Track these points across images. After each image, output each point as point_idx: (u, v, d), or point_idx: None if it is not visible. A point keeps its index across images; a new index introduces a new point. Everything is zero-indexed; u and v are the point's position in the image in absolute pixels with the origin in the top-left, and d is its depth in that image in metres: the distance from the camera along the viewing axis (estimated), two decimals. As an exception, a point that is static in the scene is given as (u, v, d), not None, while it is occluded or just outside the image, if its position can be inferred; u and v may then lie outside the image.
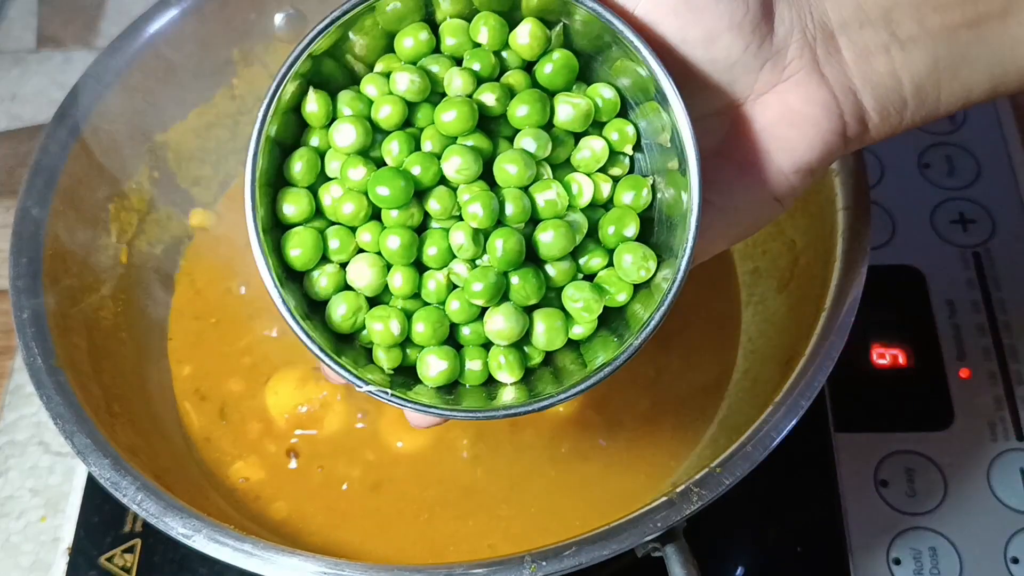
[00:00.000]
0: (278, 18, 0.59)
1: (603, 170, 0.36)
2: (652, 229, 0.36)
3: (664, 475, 0.52)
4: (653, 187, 0.35)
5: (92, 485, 0.56)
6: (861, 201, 0.49)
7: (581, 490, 0.51)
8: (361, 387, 0.34)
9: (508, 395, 0.35)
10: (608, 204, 0.36)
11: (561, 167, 0.36)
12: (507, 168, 0.34)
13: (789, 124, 0.35)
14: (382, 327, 0.34)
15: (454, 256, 0.35)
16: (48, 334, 0.48)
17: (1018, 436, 0.56)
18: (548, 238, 0.34)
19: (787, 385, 0.44)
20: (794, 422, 0.43)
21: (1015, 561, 0.53)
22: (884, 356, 0.59)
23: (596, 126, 0.36)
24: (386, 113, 0.34)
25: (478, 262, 0.35)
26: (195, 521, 0.42)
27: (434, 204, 0.34)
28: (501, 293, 0.34)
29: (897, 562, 0.53)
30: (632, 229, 0.35)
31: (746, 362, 0.55)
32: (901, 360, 0.59)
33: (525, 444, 0.52)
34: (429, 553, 0.50)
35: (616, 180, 0.36)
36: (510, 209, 0.34)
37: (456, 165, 0.34)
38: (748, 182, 0.36)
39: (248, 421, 0.54)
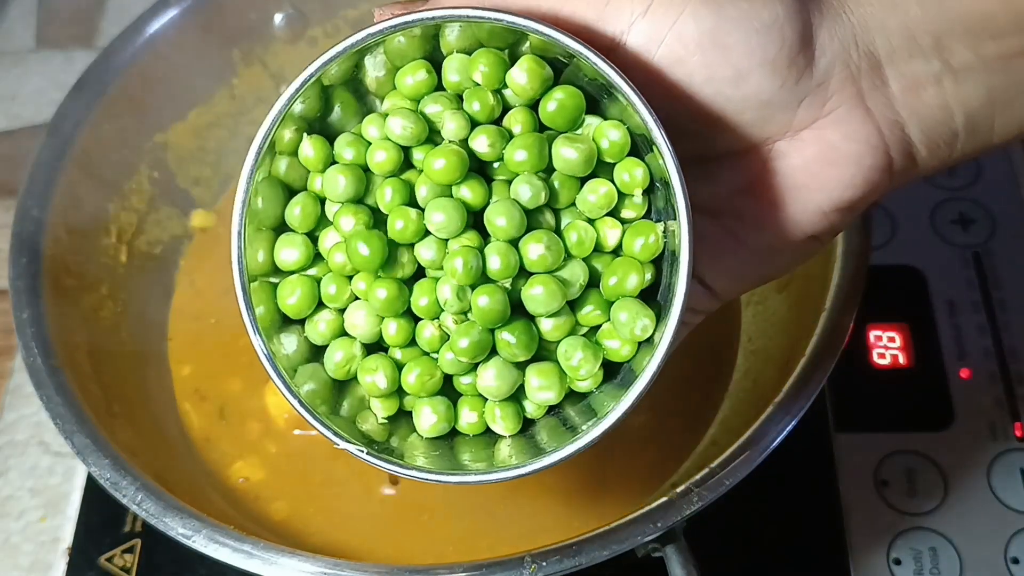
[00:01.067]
0: (278, 18, 0.59)
1: (614, 214, 0.33)
2: (662, 275, 0.34)
3: (664, 475, 0.51)
4: (664, 233, 0.33)
5: (92, 485, 0.56)
6: (861, 201, 0.49)
7: (580, 491, 0.51)
8: (338, 444, 0.33)
9: (505, 449, 0.34)
10: (618, 250, 0.34)
11: (567, 210, 0.34)
12: (496, 221, 0.32)
13: (829, 162, 0.33)
14: (370, 380, 0.34)
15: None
16: (48, 334, 0.48)
17: (1018, 436, 0.57)
18: (536, 294, 0.32)
19: (787, 385, 0.44)
20: (794, 422, 0.43)
21: (1015, 561, 0.53)
22: (884, 356, 0.59)
23: (605, 167, 0.33)
24: (380, 159, 0.33)
25: (468, 315, 0.33)
26: (195, 521, 0.42)
27: (425, 253, 0.33)
28: (488, 349, 0.33)
29: (897, 562, 0.53)
30: (634, 281, 0.33)
31: (746, 362, 0.55)
32: (901, 360, 0.59)
33: (525, 444, 0.52)
34: (429, 553, 0.50)
35: (628, 223, 0.34)
36: (496, 263, 0.32)
37: (438, 222, 0.32)
38: (783, 221, 0.34)
39: (248, 421, 0.54)
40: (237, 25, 0.59)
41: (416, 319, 0.34)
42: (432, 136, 0.33)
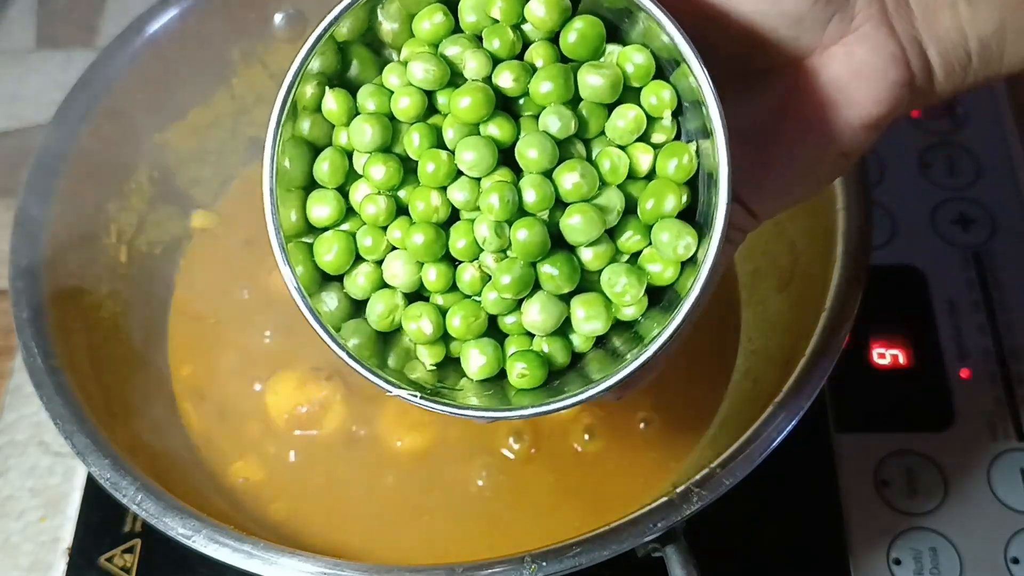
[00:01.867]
0: (278, 18, 0.59)
1: (645, 138, 0.34)
2: (699, 197, 0.34)
3: (664, 475, 0.51)
4: (697, 153, 0.33)
5: (92, 485, 0.56)
6: (861, 201, 0.49)
7: (581, 491, 0.51)
8: (390, 391, 0.33)
9: (556, 384, 0.34)
10: (652, 174, 0.34)
11: (597, 139, 0.34)
12: (528, 153, 0.32)
13: (857, 76, 0.35)
14: (415, 327, 0.34)
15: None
16: (48, 334, 0.48)
17: (1018, 436, 0.56)
18: (575, 223, 0.33)
19: (787, 385, 0.44)
20: (794, 422, 0.43)
21: (1015, 561, 0.53)
22: (884, 356, 0.59)
23: (632, 92, 0.34)
24: (404, 105, 0.33)
25: (508, 252, 0.33)
26: (195, 521, 0.42)
27: (458, 195, 0.33)
28: (531, 284, 0.33)
29: (897, 562, 0.53)
30: (671, 202, 0.33)
31: (746, 362, 0.55)
32: (901, 360, 0.59)
33: (525, 446, 0.52)
34: (429, 554, 0.50)
35: (659, 147, 0.34)
36: (531, 196, 0.32)
37: (469, 160, 0.32)
38: (814, 137, 0.35)
39: (248, 421, 0.54)
40: (237, 25, 0.59)
41: (454, 264, 0.34)
42: (454, 79, 0.34)
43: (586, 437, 0.53)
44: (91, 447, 0.44)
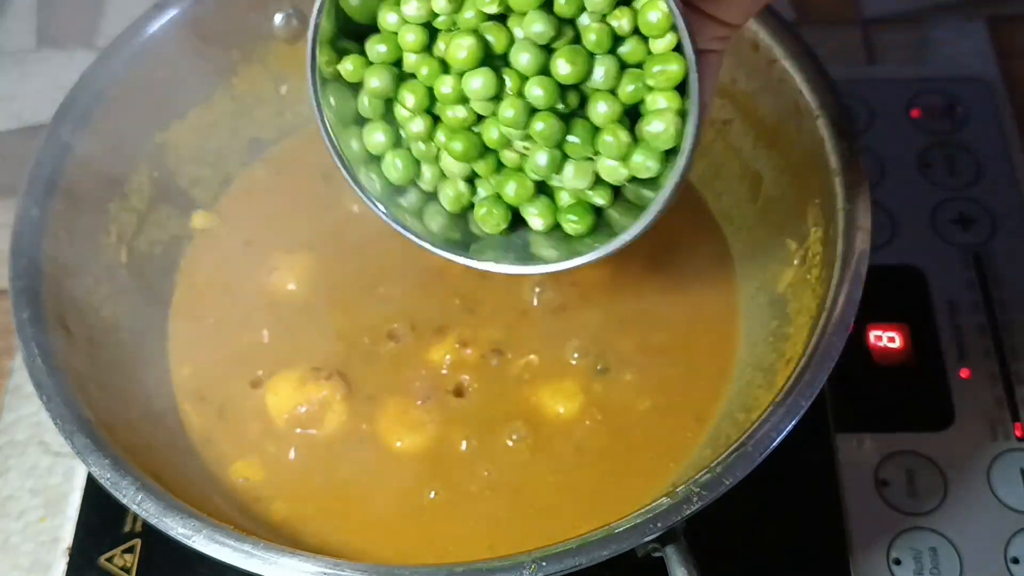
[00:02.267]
0: (278, 18, 0.59)
1: (626, 3, 0.38)
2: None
3: (664, 475, 0.51)
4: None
5: (92, 485, 0.56)
6: (861, 202, 0.49)
7: (581, 491, 0.51)
8: (476, 267, 0.41)
9: (616, 215, 0.41)
10: (638, 32, 0.38)
11: (581, 16, 0.38)
12: (521, 60, 0.38)
13: None
14: (483, 212, 0.42)
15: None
16: (48, 334, 0.48)
17: (1018, 436, 0.57)
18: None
19: (787, 385, 0.44)
20: (794, 422, 0.43)
21: (1015, 561, 0.53)
22: (884, 356, 0.59)
23: None
24: (411, 40, 0.39)
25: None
26: (195, 521, 0.42)
27: (479, 105, 0.39)
28: (560, 158, 0.40)
29: (897, 562, 0.53)
30: (675, 68, 0.37)
31: (746, 361, 0.55)
32: (901, 360, 0.59)
33: (525, 446, 0.52)
34: (429, 554, 0.50)
35: (637, 5, 0.38)
36: (538, 92, 0.38)
37: (474, 89, 0.38)
38: None
39: (248, 421, 0.54)
40: (237, 25, 0.59)
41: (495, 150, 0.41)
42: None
43: (586, 437, 0.52)
44: (91, 447, 0.44)
